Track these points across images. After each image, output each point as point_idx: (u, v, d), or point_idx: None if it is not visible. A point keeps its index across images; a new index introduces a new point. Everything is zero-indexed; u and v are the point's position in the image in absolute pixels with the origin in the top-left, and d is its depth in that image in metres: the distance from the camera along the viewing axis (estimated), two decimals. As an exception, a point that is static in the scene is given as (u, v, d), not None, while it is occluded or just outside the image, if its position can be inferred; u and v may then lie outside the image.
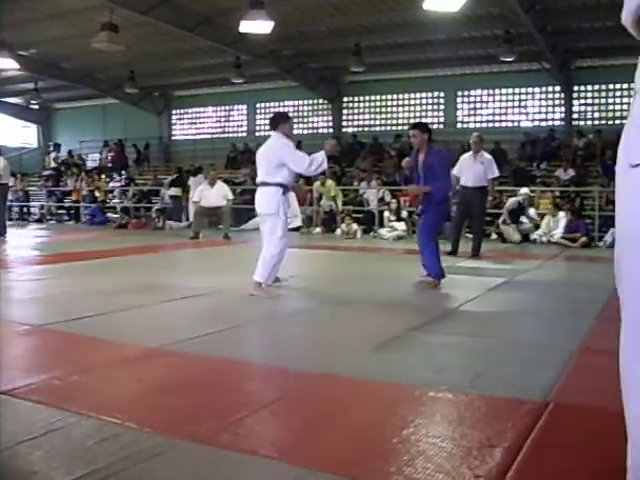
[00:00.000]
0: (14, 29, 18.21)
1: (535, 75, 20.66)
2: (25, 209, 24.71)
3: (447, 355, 4.18)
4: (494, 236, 14.99)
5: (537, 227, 14.50)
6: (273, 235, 6.53)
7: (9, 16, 17.07)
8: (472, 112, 22.81)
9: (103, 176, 25.18)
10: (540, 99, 21.92)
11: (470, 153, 10.97)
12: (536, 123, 21.84)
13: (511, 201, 14.67)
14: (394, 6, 16.47)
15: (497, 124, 22.24)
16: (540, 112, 21.99)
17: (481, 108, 22.74)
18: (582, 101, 21.21)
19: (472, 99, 22.82)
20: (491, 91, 22.40)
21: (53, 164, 27.67)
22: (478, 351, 4.32)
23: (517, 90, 22.02)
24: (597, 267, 9.51)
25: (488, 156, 10.90)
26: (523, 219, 14.50)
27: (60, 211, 23.99)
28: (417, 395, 3.26)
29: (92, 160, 29.71)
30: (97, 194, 22.90)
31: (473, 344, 4.53)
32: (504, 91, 22.20)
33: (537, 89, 21.74)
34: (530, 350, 4.35)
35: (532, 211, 14.70)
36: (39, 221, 22.97)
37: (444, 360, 4.03)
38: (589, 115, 21.14)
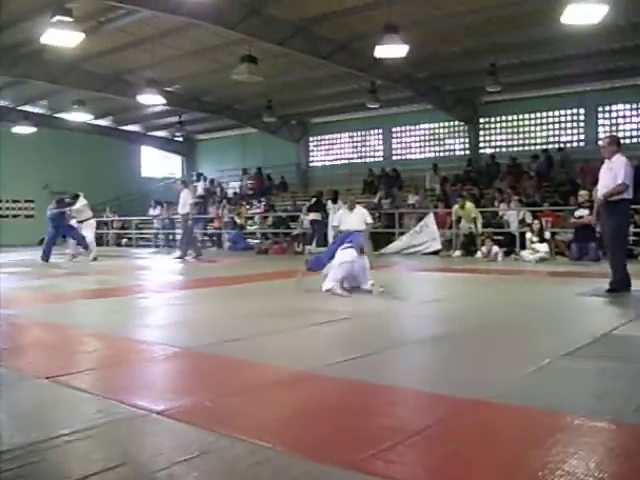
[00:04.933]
0: (160, 67, 19.21)
1: (685, 86, 19.66)
2: (171, 236, 25.75)
3: (606, 382, 3.94)
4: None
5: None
6: None
7: (155, 55, 18.01)
8: (614, 128, 21.89)
9: (244, 203, 25.92)
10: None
11: None
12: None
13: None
14: (529, 23, 16.11)
15: (642, 139, 21.27)
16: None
17: (624, 123, 21.81)
18: None
19: (614, 114, 21.92)
20: (634, 105, 21.43)
21: (201, 192, 28.75)
22: (639, 378, 4.05)
23: (664, 103, 21.02)
24: None
25: (621, 158, 8.27)
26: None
27: (204, 238, 24.82)
28: (577, 425, 3.08)
29: (232, 188, 30.68)
30: (237, 220, 23.53)
31: (633, 371, 4.25)
32: (649, 104, 21.24)
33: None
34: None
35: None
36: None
37: (603, 387, 3.80)
38: None
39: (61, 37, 13.74)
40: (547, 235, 15.20)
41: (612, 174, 8.24)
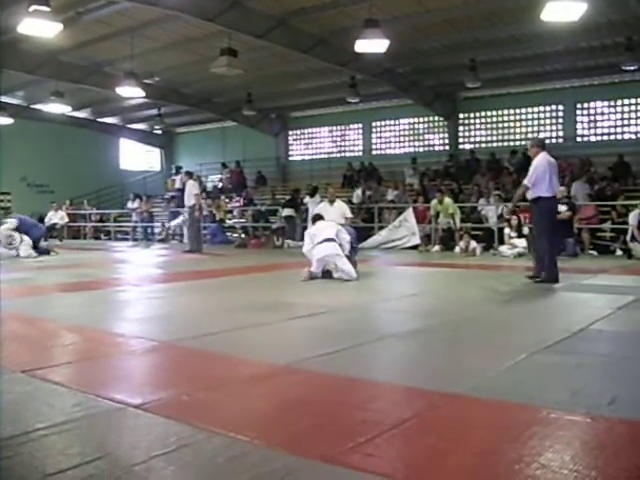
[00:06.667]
0: (139, 59, 19.08)
1: (661, 83, 19.84)
2: (149, 229, 25.59)
3: (581, 376, 3.98)
4: (619, 252, 14.44)
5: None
6: None
7: (134, 47, 17.88)
8: (592, 125, 22.07)
9: (223, 197, 25.81)
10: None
11: None
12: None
13: (633, 214, 14.08)
14: (510, 19, 16.18)
15: (619, 136, 21.43)
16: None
17: (602, 120, 21.97)
18: None
19: (592, 111, 22.08)
20: (612, 102, 21.61)
21: (178, 185, 28.63)
22: (614, 372, 4.09)
23: (640, 100, 21.22)
24: None
25: (534, 161, 9.25)
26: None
27: (182, 231, 24.69)
28: (553, 418, 3.11)
29: (211, 181, 30.56)
30: (217, 214, 23.45)
31: (608, 365, 4.31)
32: (626, 102, 21.38)
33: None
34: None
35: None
36: (163, 241, 23.71)
37: (579, 381, 3.83)
38: None
39: (38, 27, 13.52)
40: (525, 230, 15.28)
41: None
